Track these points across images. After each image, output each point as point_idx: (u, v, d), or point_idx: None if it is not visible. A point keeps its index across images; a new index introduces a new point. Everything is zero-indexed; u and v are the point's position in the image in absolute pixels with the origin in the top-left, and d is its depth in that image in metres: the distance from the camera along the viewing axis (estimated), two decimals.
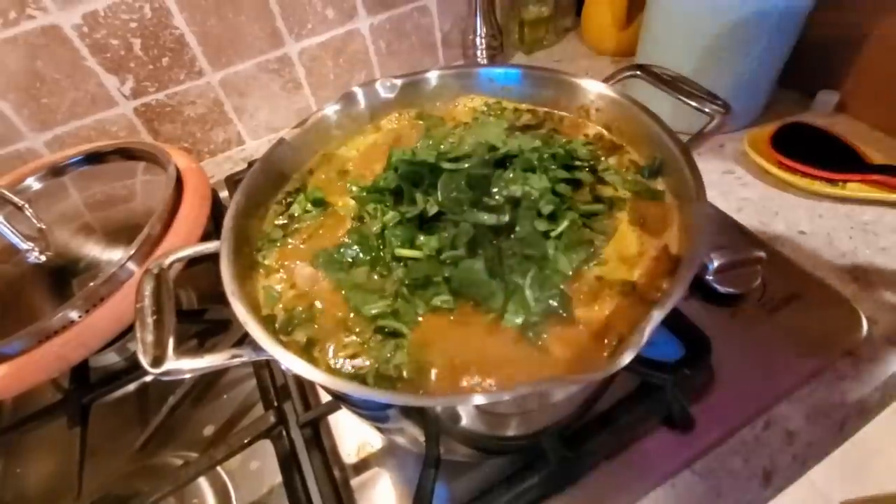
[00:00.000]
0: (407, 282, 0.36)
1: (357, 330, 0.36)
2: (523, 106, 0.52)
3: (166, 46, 0.79)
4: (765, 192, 0.69)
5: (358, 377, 0.33)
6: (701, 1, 0.65)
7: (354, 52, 0.94)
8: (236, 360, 0.33)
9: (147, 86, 0.82)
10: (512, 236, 0.38)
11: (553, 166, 0.42)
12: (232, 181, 0.82)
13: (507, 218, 0.38)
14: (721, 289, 0.54)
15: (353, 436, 0.54)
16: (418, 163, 0.42)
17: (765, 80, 0.73)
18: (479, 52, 0.97)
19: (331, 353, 0.35)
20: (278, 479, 0.53)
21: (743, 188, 0.70)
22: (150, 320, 0.33)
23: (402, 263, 0.38)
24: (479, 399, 0.27)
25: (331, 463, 0.50)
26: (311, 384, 0.57)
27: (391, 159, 0.44)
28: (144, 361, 0.31)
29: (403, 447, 0.53)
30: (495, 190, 0.40)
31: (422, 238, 0.38)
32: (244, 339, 0.61)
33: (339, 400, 0.41)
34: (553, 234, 0.37)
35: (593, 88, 0.48)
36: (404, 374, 0.33)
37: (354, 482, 0.51)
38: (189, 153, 0.75)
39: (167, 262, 0.37)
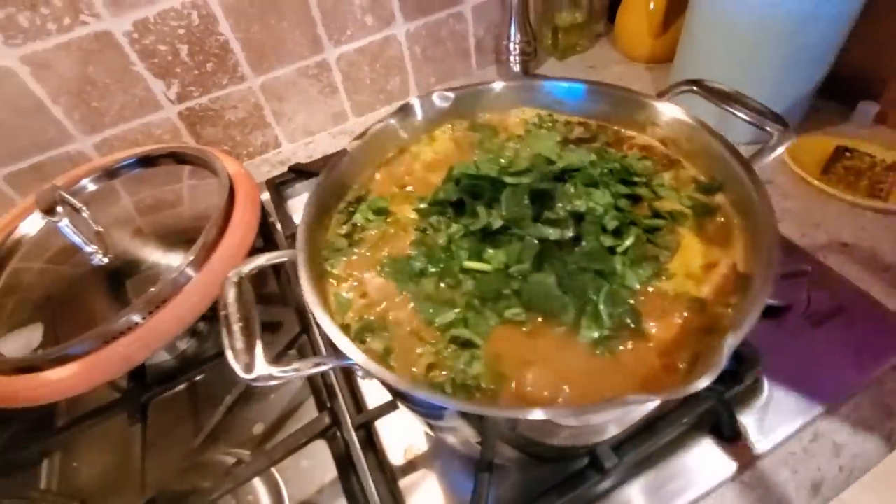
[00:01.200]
0: (477, 294, 0.38)
1: (430, 340, 0.37)
2: (575, 119, 0.53)
3: (211, 52, 0.81)
4: (805, 204, 0.69)
5: (436, 386, 0.34)
6: (747, 11, 0.65)
7: (390, 57, 0.95)
8: (320, 368, 0.34)
9: (192, 90, 0.84)
10: (576, 251, 0.39)
11: (611, 181, 0.43)
12: (273, 184, 0.84)
13: (570, 233, 0.40)
14: (768, 301, 0.55)
15: (399, 439, 0.56)
16: (481, 177, 0.43)
17: (806, 91, 0.73)
18: (512, 58, 0.98)
19: (406, 363, 0.36)
20: (328, 477, 0.55)
21: (783, 199, 0.70)
22: (236, 328, 0.35)
23: (470, 275, 0.39)
24: (564, 412, 0.28)
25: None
26: (358, 388, 0.58)
27: (452, 172, 0.46)
28: (237, 368, 0.32)
29: (449, 451, 0.54)
30: (559, 205, 0.41)
31: (489, 251, 0.39)
32: (294, 343, 0.62)
33: (399, 398, 0.43)
34: (619, 249, 0.38)
35: (654, 105, 0.48)
36: (482, 384, 0.34)
37: (402, 483, 0.53)
38: (236, 158, 0.76)
39: (246, 270, 0.39)
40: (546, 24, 1.03)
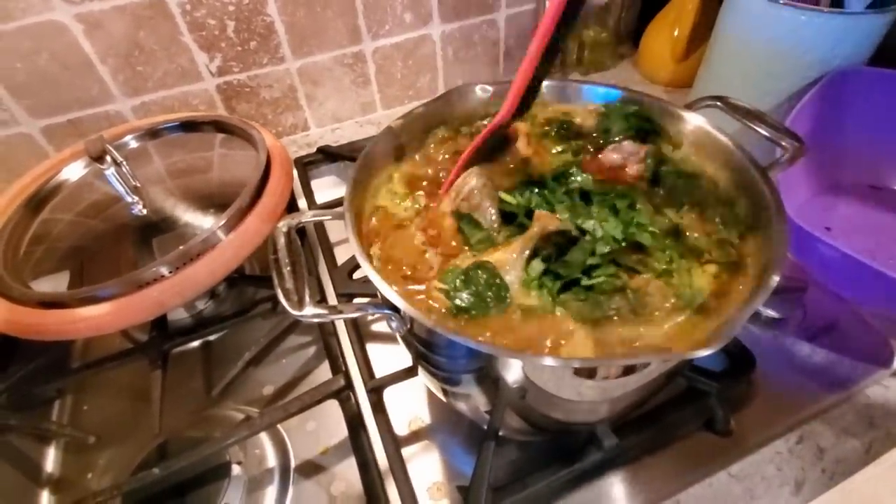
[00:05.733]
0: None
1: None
2: None
3: (256, 31, 0.85)
4: None
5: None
6: (768, 47, 0.70)
7: (423, 55, 0.99)
8: (360, 313, 0.37)
9: (232, 65, 0.87)
10: None
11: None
12: (300, 163, 0.87)
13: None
14: (766, 312, 0.59)
15: (404, 411, 0.58)
16: None
17: None
18: None
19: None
20: (333, 441, 0.57)
21: None
22: (286, 270, 0.38)
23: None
24: (581, 362, 0.31)
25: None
26: (369, 357, 0.61)
27: None
28: (288, 305, 0.35)
29: (452, 426, 0.57)
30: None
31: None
32: (321, 301, 0.65)
33: (422, 359, 0.45)
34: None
35: (681, 114, 0.52)
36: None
37: (405, 451, 0.55)
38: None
39: (295, 222, 0.42)
40: (573, 39, 1.07)
